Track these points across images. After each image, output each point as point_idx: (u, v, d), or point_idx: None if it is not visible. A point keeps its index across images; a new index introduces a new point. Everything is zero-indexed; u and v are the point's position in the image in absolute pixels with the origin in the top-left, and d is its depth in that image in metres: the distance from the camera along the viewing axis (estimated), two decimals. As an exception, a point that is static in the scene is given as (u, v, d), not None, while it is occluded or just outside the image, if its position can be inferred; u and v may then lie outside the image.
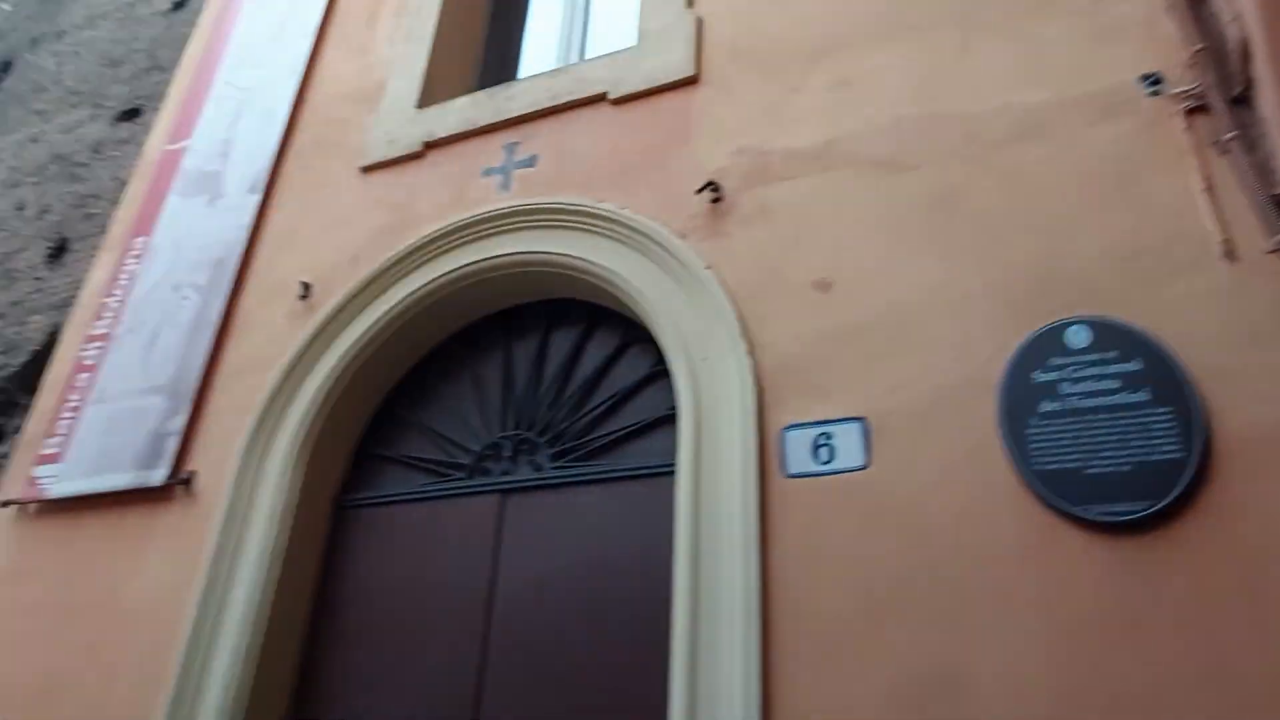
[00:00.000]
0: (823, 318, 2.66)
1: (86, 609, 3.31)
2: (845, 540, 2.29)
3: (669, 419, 2.95)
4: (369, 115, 4.06)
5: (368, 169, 3.88)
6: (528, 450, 3.19)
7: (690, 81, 3.38)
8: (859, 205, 2.82)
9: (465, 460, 3.28)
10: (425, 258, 3.49)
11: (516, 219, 3.36)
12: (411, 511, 3.26)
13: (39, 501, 3.62)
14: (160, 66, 6.69)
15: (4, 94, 7.73)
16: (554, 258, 3.26)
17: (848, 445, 2.41)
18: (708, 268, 2.90)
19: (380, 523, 3.30)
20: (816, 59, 3.20)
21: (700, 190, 3.04)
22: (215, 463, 3.36)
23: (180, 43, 6.41)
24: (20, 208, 6.52)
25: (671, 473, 2.74)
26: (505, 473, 3.17)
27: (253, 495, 3.24)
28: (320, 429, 3.35)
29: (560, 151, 3.48)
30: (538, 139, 3.56)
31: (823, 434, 2.45)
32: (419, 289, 3.45)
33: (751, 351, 2.67)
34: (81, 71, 7.31)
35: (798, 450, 2.45)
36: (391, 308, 3.46)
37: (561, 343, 3.39)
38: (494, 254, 3.37)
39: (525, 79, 3.80)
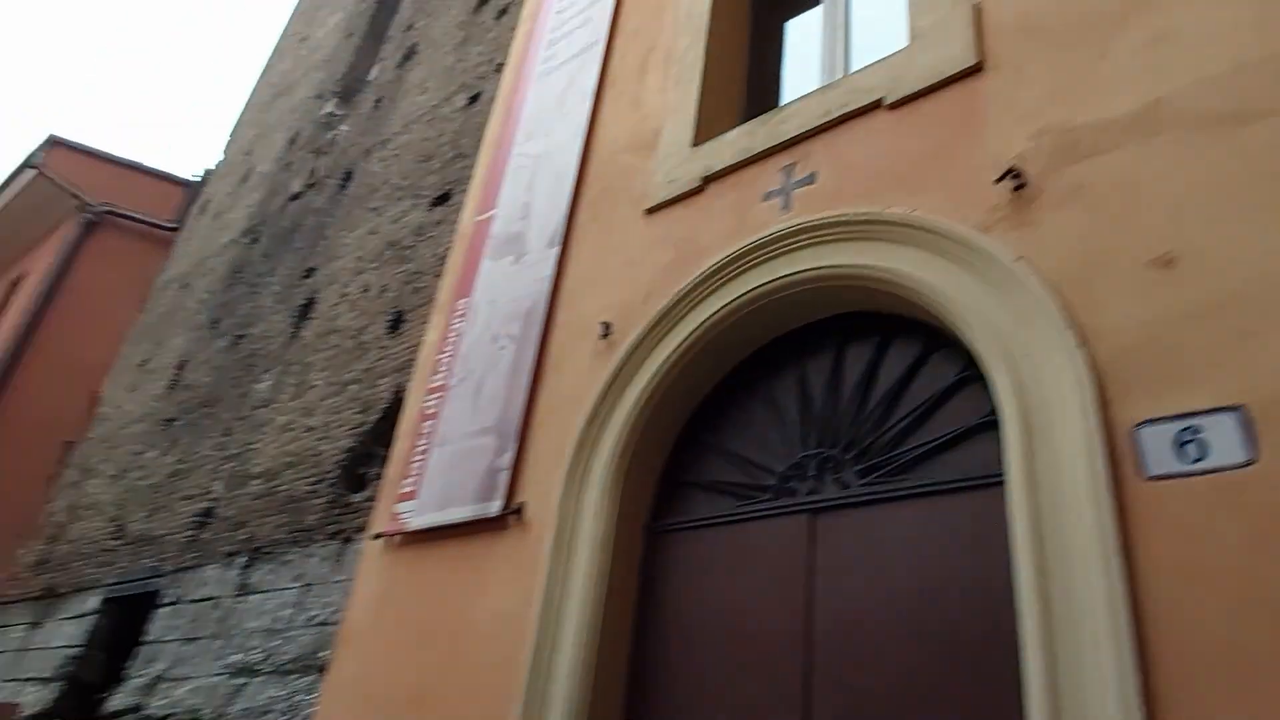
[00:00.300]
0: (1168, 298, 2.34)
1: (445, 626, 3.74)
2: (1236, 549, 1.95)
3: (986, 426, 2.75)
4: (648, 161, 4.30)
5: (651, 210, 4.10)
6: (833, 468, 3.12)
7: (974, 71, 3.19)
8: (1198, 167, 2.47)
9: (770, 481, 3.28)
10: (713, 287, 3.59)
11: (800, 237, 3.36)
12: (720, 535, 3.31)
13: (401, 533, 4.18)
14: (463, 154, 7.64)
15: (348, 198, 9.24)
16: (842, 270, 3.20)
17: (1223, 439, 2.07)
18: (1018, 259, 2.68)
19: (691, 546, 3.39)
20: (1123, 19, 2.87)
21: (1000, 179, 2.83)
22: (542, 493, 3.66)
23: (477, 130, 7.28)
24: (365, 290, 7.70)
25: (999, 483, 2.53)
26: (811, 491, 3.13)
27: (575, 522, 3.49)
28: (629, 457, 3.54)
29: (840, 164, 3.44)
30: (814, 156, 3.54)
31: (1187, 428, 2.13)
32: (709, 317, 3.55)
33: (1083, 343, 2.41)
34: (402, 170, 8.55)
35: (1158, 448, 2.15)
36: (685, 338, 3.59)
37: (857, 357, 3.30)
38: (780, 274, 3.38)
39: (795, 100, 3.82)
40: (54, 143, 13.51)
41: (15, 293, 13.48)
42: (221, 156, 14.72)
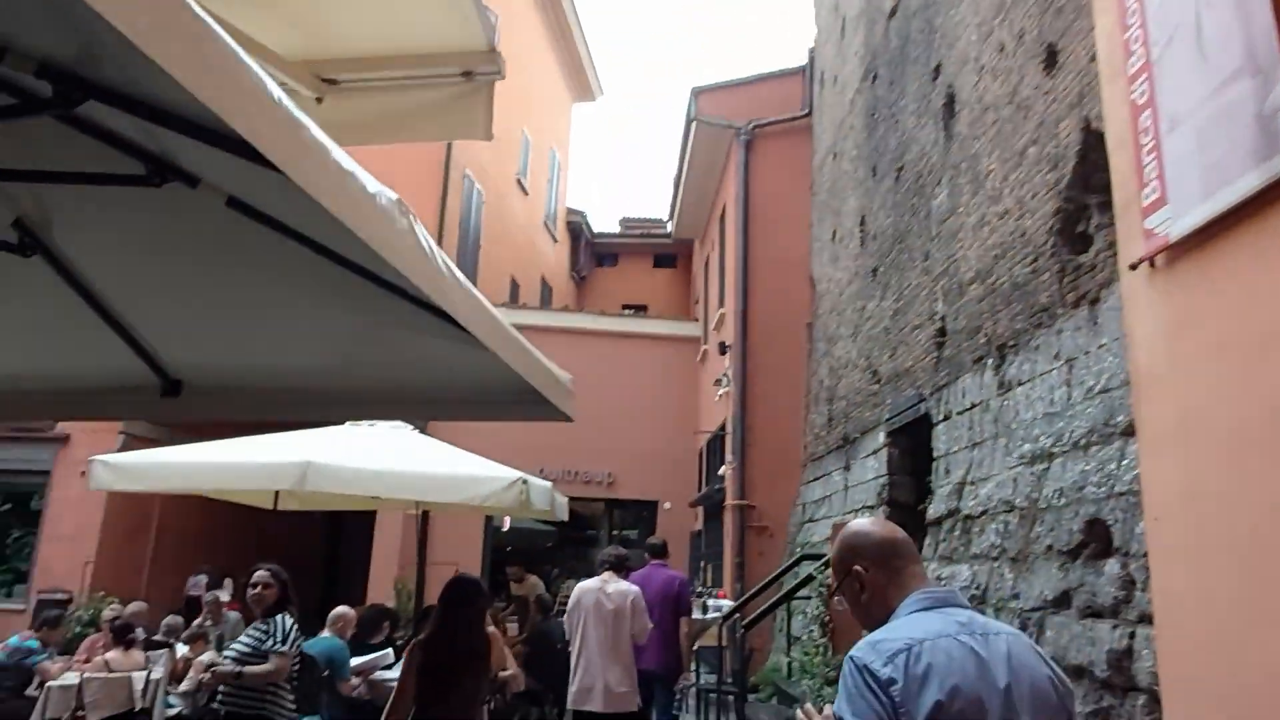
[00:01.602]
0: None
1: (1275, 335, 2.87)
2: None
3: None
4: None
5: None
6: None
7: None
8: None
9: None
10: None
11: None
12: None
13: (1165, 249, 3.40)
14: None
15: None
16: None
17: None
18: None
19: None
20: None
21: None
22: (1366, 106, 2.49)
23: None
24: (1001, 49, 6.80)
25: None
26: None
27: None
28: None
29: None
30: None
31: None
32: None
33: None
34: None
35: None
36: None
37: None
38: None
39: None
40: (698, 92, 15.71)
41: (724, 224, 16.18)
42: (815, 29, 15.10)
